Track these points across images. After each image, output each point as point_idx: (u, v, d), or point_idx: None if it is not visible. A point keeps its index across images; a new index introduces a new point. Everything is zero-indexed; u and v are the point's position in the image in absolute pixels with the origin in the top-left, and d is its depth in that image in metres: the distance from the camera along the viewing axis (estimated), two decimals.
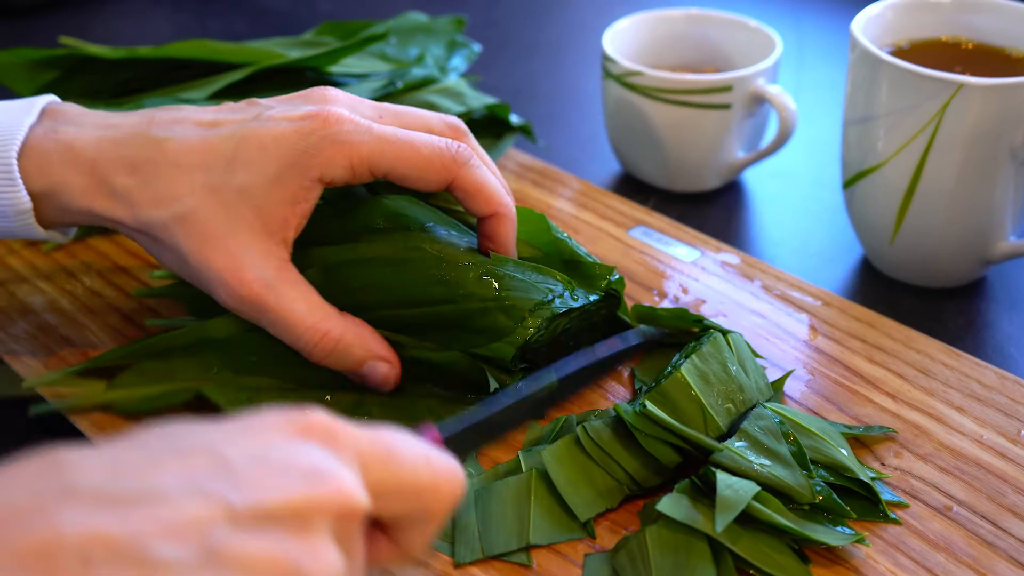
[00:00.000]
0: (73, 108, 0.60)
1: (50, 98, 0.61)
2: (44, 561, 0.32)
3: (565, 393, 0.57)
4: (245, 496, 0.36)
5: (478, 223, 0.62)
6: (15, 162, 0.57)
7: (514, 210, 0.62)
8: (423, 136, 0.59)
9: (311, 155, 0.57)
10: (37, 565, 0.32)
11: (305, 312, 0.58)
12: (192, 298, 0.65)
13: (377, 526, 0.44)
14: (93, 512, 0.34)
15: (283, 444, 0.39)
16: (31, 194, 0.58)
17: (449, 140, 0.60)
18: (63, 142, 0.58)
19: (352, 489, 0.39)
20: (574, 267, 0.65)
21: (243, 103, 0.61)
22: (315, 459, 0.39)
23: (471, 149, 0.61)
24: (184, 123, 0.59)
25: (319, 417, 0.40)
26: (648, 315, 0.66)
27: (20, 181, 0.57)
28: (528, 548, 0.54)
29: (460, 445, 0.49)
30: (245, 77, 0.80)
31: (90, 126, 0.59)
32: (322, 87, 0.61)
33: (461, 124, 0.64)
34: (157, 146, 0.58)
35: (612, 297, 0.64)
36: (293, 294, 0.58)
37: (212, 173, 0.57)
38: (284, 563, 0.36)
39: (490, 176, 0.61)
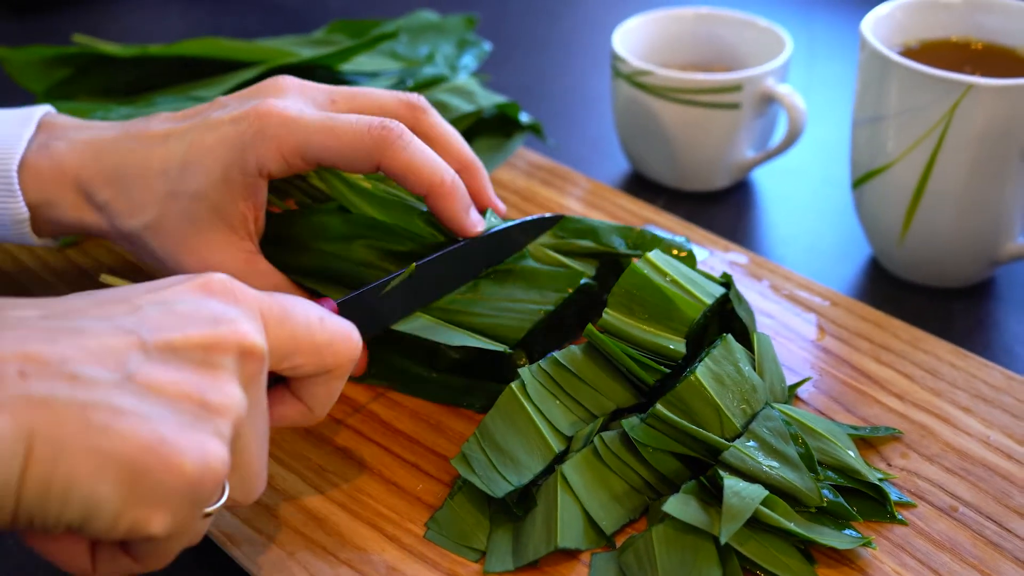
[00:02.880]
0: (66, 120, 0.63)
1: (46, 108, 0.63)
2: None
3: (473, 265, 0.63)
4: (155, 333, 0.43)
5: (426, 204, 0.62)
6: (15, 175, 0.60)
7: (457, 185, 0.61)
8: (347, 120, 0.59)
9: (247, 151, 0.59)
10: None
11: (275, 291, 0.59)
12: None
13: (284, 386, 0.51)
14: (27, 338, 0.40)
15: (188, 297, 0.45)
16: (27, 205, 0.61)
17: (373, 122, 0.59)
18: (54, 158, 0.60)
19: (252, 332, 0.45)
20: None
21: (205, 105, 0.62)
22: (216, 309, 0.45)
23: (400, 127, 0.60)
24: (151, 132, 0.61)
25: (219, 277, 0.47)
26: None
27: (19, 193, 0.60)
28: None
29: (360, 313, 0.56)
30: (257, 76, 0.80)
31: (78, 141, 0.61)
32: (277, 77, 0.63)
33: (419, 100, 0.64)
34: (128, 157, 0.60)
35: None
36: (263, 283, 0.60)
37: (170, 180, 0.59)
38: (189, 391, 0.42)
39: (421, 153, 0.60)
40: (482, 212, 0.65)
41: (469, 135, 0.86)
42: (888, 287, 0.78)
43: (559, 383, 0.59)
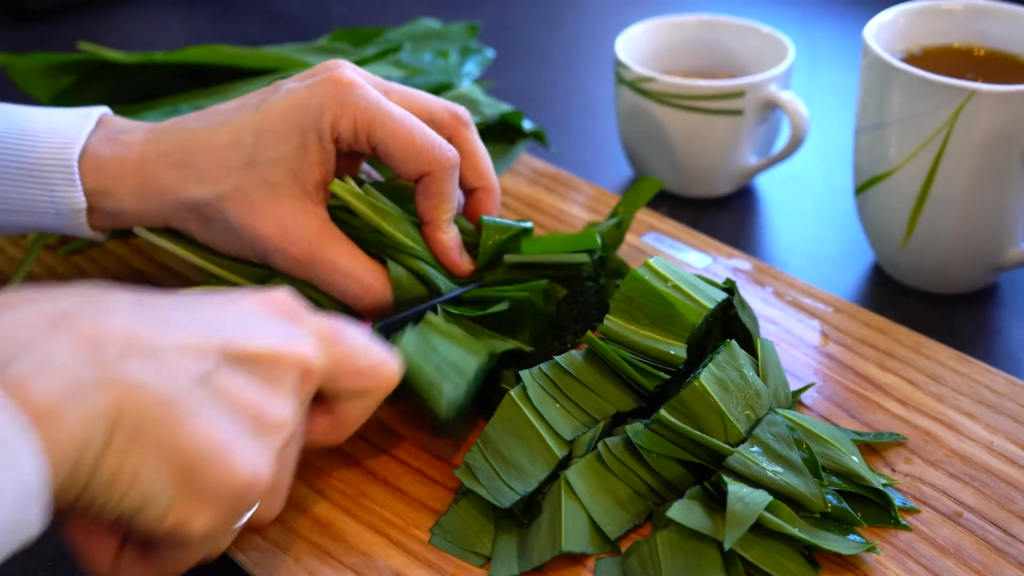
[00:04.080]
0: (122, 120, 0.64)
1: (104, 109, 0.65)
2: (93, 347, 0.40)
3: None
4: (233, 339, 0.45)
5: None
6: (76, 164, 0.61)
7: (452, 229, 0.64)
8: (424, 127, 0.62)
9: (323, 114, 0.60)
10: (88, 347, 0.40)
11: (350, 266, 0.62)
12: None
13: (319, 404, 0.52)
14: (131, 321, 0.42)
15: (257, 312, 0.48)
16: (85, 194, 0.62)
17: (444, 143, 0.62)
18: (116, 149, 0.62)
19: (313, 352, 0.48)
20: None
21: (267, 87, 0.64)
22: (283, 327, 0.48)
23: (458, 157, 0.63)
24: (213, 113, 0.63)
25: (283, 296, 0.50)
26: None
27: (79, 182, 0.61)
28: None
29: (389, 338, 0.58)
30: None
31: (137, 132, 0.63)
32: (336, 59, 0.64)
33: (464, 113, 0.66)
34: (192, 137, 0.62)
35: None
36: (338, 249, 0.62)
37: (244, 149, 0.60)
38: (251, 403, 0.45)
39: (453, 189, 0.63)
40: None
41: None
42: (891, 293, 0.78)
43: (559, 387, 0.59)
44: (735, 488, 0.53)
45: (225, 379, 0.44)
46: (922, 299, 0.77)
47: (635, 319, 0.60)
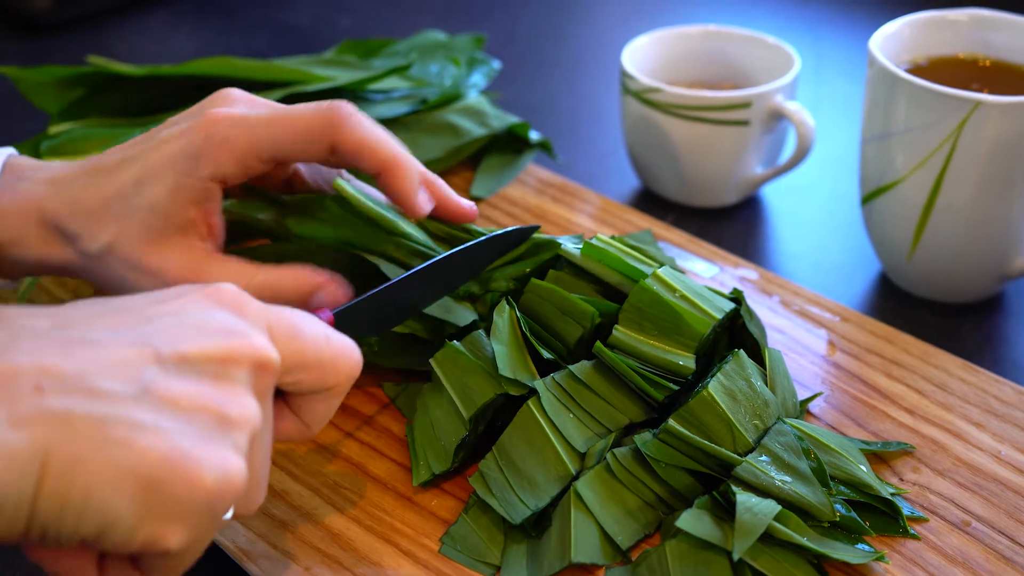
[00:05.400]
0: (27, 162, 0.63)
1: (9, 152, 0.63)
2: (1, 386, 0.38)
3: (455, 276, 0.64)
4: (170, 345, 0.42)
5: (378, 183, 0.63)
6: None
7: (410, 160, 0.62)
8: (295, 109, 0.61)
9: (200, 159, 0.59)
10: None
11: (231, 278, 0.60)
12: None
13: (282, 401, 0.51)
14: (42, 351, 0.40)
15: (197, 308, 0.45)
16: None
17: (323, 103, 0.60)
18: (19, 197, 0.60)
19: (265, 345, 0.45)
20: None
21: (155, 128, 0.63)
22: (228, 321, 0.45)
23: (349, 106, 0.61)
24: (106, 162, 0.61)
25: (227, 288, 0.47)
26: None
27: None
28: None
29: (351, 325, 0.57)
30: (279, 99, 0.81)
31: (39, 180, 0.61)
32: (225, 89, 0.63)
33: (342, 106, 0.63)
34: (87, 187, 0.60)
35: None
36: (216, 269, 0.60)
37: (126, 199, 0.60)
38: (206, 404, 0.42)
39: (373, 130, 0.61)
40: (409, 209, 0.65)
41: (479, 154, 0.87)
42: (897, 303, 0.78)
43: (573, 397, 0.59)
44: (744, 498, 0.53)
45: (170, 386, 0.42)
46: (929, 308, 0.77)
47: (643, 329, 0.60)
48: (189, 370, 0.43)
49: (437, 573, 0.54)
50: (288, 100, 0.82)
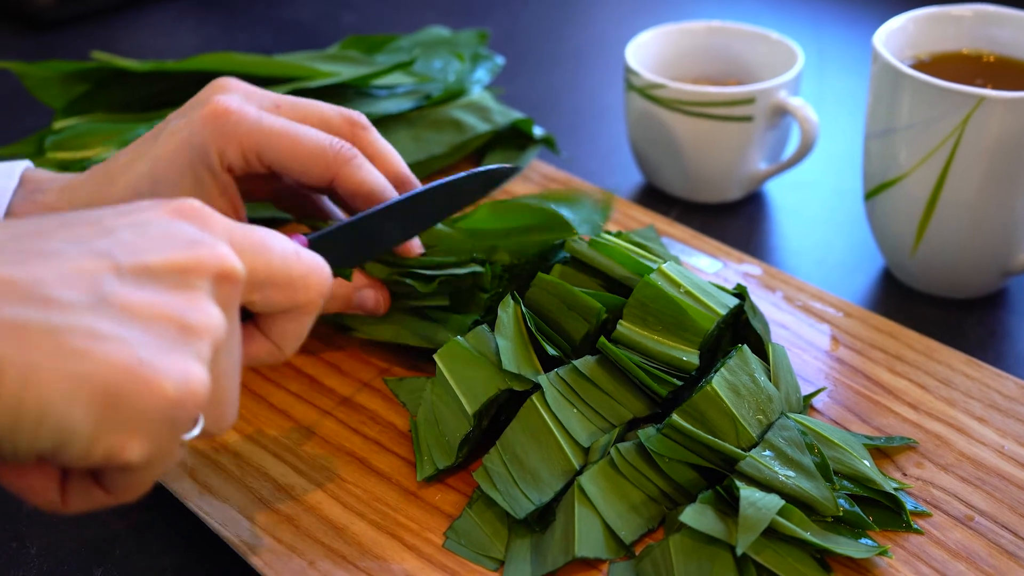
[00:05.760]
0: (42, 174, 0.63)
1: (26, 164, 0.64)
2: None
3: (432, 212, 0.64)
4: (129, 255, 0.42)
5: None
6: None
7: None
8: (309, 131, 0.61)
9: (208, 149, 0.60)
10: None
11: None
12: None
13: (252, 324, 0.50)
14: None
15: (161, 220, 0.44)
16: None
17: (334, 139, 0.62)
18: (36, 208, 0.61)
19: (228, 254, 0.44)
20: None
21: (158, 125, 0.63)
22: (190, 232, 0.44)
23: (355, 149, 0.62)
24: (114, 166, 0.62)
25: (192, 202, 0.46)
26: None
27: None
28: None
29: (325, 253, 0.55)
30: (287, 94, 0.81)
31: (54, 190, 0.61)
32: (222, 79, 0.64)
33: (360, 118, 0.65)
34: (99, 192, 0.61)
35: None
36: None
37: (141, 198, 0.59)
38: (167, 312, 0.41)
39: (373, 176, 0.62)
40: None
41: (483, 149, 0.87)
42: (901, 298, 0.78)
43: (577, 392, 0.59)
44: (747, 492, 0.53)
45: (128, 295, 0.41)
46: (932, 304, 0.77)
47: (648, 324, 0.60)
48: (149, 280, 0.42)
49: (441, 567, 0.55)
50: (297, 94, 0.82)
